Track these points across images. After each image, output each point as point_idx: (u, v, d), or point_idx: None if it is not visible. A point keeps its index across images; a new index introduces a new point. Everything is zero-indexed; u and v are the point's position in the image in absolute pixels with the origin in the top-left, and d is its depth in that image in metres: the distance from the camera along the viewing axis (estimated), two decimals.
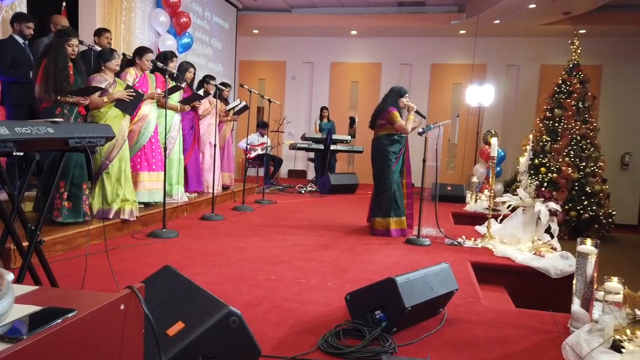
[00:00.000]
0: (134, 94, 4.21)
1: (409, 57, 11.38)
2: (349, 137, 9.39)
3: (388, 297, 2.24)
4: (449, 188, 7.78)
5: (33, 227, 2.23)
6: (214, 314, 1.60)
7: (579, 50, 9.50)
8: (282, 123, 9.77)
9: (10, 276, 1.01)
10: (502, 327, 2.46)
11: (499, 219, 4.88)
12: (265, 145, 8.52)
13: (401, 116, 4.64)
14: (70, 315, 0.97)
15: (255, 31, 11.42)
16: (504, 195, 4.80)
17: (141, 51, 4.71)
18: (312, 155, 9.80)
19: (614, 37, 10.40)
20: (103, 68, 4.21)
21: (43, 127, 1.97)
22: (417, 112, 4.69)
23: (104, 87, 4.09)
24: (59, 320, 0.95)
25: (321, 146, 8.87)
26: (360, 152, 9.27)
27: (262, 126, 8.69)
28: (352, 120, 11.96)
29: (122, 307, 1.07)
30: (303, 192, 8.12)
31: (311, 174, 10.74)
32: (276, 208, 6.32)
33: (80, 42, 4.12)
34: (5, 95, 4.58)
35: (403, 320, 2.27)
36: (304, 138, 8.98)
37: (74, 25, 5.72)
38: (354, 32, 11.20)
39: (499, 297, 3.40)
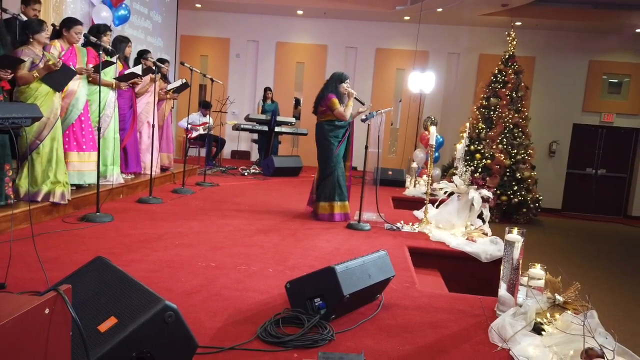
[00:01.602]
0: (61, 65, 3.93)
1: (355, 40, 11.42)
2: (293, 120, 9.35)
3: (327, 285, 2.27)
4: (390, 172, 7.96)
5: None
6: (149, 309, 1.56)
7: (514, 42, 9.94)
8: (225, 103, 9.56)
9: None
10: (435, 312, 2.58)
11: (435, 204, 5.06)
12: (207, 125, 8.31)
13: (342, 102, 4.65)
14: None
15: (198, 5, 11.01)
16: (440, 181, 4.98)
17: (69, 23, 4.35)
18: (256, 136, 9.68)
19: (546, 30, 10.94)
20: (31, 40, 3.90)
21: None
22: (356, 98, 4.72)
23: (31, 60, 3.80)
24: None
25: (265, 127, 8.78)
26: (305, 134, 9.26)
27: (204, 106, 8.45)
28: (297, 102, 11.89)
29: (46, 311, 1.02)
30: (246, 174, 8.03)
31: (255, 155, 10.62)
32: (218, 191, 6.22)
33: (4, 10, 3.80)
34: None
35: (342, 308, 2.32)
36: (247, 119, 8.84)
37: None
38: (300, 12, 11.06)
39: (433, 281, 3.54)
